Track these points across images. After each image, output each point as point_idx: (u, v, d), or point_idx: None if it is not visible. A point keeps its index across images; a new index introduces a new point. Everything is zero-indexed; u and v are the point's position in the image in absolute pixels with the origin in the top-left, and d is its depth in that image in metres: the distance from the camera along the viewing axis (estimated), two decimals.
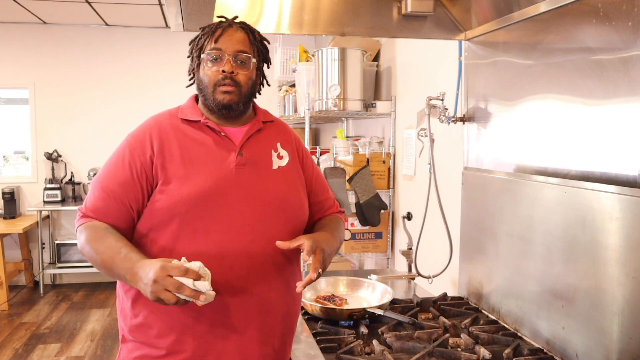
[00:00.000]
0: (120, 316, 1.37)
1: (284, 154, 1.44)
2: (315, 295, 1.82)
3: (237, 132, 1.38)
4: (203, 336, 1.28)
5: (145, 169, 1.29)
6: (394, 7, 1.83)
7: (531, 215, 1.57)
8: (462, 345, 1.52)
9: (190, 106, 1.41)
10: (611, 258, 1.26)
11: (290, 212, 1.38)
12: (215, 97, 1.33)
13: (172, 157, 1.31)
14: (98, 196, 1.31)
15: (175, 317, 1.28)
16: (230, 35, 1.34)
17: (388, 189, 3.16)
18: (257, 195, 1.33)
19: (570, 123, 1.44)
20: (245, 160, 1.35)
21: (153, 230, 1.29)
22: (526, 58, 1.63)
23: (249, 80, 1.36)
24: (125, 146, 1.34)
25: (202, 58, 1.35)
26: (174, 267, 1.12)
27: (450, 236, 2.09)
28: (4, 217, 5.18)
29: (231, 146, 1.35)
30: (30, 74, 5.41)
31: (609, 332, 1.27)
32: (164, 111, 1.42)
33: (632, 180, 1.22)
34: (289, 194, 1.39)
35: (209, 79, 1.33)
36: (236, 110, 1.36)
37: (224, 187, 1.30)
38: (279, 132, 1.48)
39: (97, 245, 1.26)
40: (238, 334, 1.31)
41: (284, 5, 1.78)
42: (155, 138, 1.32)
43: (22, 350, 3.85)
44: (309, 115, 3.16)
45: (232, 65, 1.32)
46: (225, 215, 1.29)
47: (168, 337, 1.28)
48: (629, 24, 1.22)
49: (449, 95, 2.12)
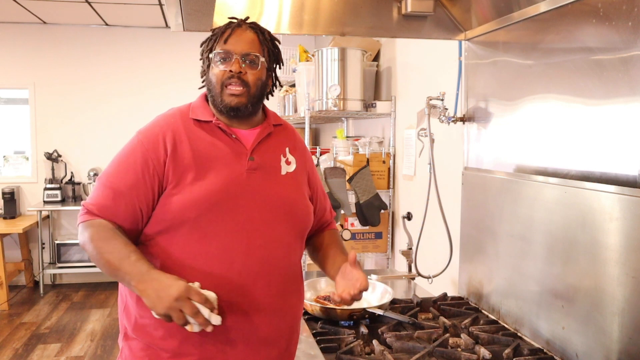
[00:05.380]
0: (124, 314, 1.35)
1: (292, 160, 1.44)
2: (315, 295, 1.82)
3: (248, 135, 1.37)
4: (210, 339, 1.27)
5: (157, 171, 1.28)
6: (394, 7, 1.83)
7: (531, 215, 1.57)
8: (462, 345, 1.52)
9: (201, 105, 1.39)
10: (611, 258, 1.26)
11: (297, 218, 1.39)
12: (223, 98, 1.32)
13: (184, 159, 1.29)
14: (107, 195, 1.28)
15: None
16: (239, 35, 1.33)
17: (388, 189, 3.16)
18: (267, 201, 1.33)
19: (570, 123, 1.44)
20: (257, 165, 1.34)
21: (162, 232, 1.27)
22: (526, 58, 1.63)
23: (258, 80, 1.34)
24: (136, 146, 1.31)
25: (211, 58, 1.34)
26: (197, 293, 1.13)
27: (450, 236, 2.09)
28: (4, 217, 5.18)
29: (242, 149, 1.34)
30: (30, 74, 5.41)
31: (609, 332, 1.27)
32: (174, 110, 1.40)
33: (632, 180, 1.22)
34: (297, 200, 1.40)
35: (217, 78, 1.32)
36: (244, 112, 1.34)
37: (235, 191, 1.29)
38: (288, 137, 1.47)
39: (103, 244, 1.24)
40: (245, 336, 1.30)
41: (284, 5, 1.78)
42: (168, 140, 1.30)
43: (22, 350, 3.85)
44: (309, 115, 3.16)
45: (240, 65, 1.31)
46: (235, 220, 1.28)
47: (174, 339, 1.27)
48: (629, 24, 1.22)
49: (449, 95, 2.12)
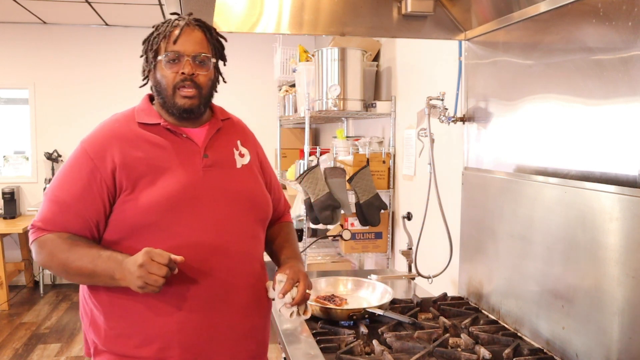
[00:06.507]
0: (90, 329, 1.34)
1: (245, 152, 1.44)
2: (315, 295, 1.82)
3: (198, 133, 1.36)
4: (189, 340, 1.27)
5: (105, 180, 1.25)
6: (394, 7, 1.83)
7: (531, 215, 1.57)
8: (462, 345, 1.52)
9: (146, 108, 1.36)
10: (611, 258, 1.26)
11: (258, 209, 1.41)
12: (176, 101, 1.30)
13: (136, 165, 1.27)
14: (53, 209, 1.27)
15: (157, 325, 1.26)
16: (189, 35, 1.30)
17: (388, 189, 3.16)
18: (228, 196, 1.34)
19: (570, 123, 1.44)
20: (211, 162, 1.34)
21: (128, 237, 1.27)
22: (526, 58, 1.63)
23: (209, 81, 1.34)
24: (81, 156, 1.28)
25: (158, 60, 1.30)
26: (157, 253, 1.15)
27: (450, 236, 2.09)
28: (4, 217, 5.18)
29: (195, 148, 1.34)
30: (30, 74, 5.41)
31: (609, 332, 1.27)
32: (118, 115, 1.37)
33: (632, 180, 1.22)
34: (256, 191, 1.41)
35: (168, 81, 1.29)
36: (197, 113, 1.34)
37: (194, 190, 1.29)
38: (237, 130, 1.48)
39: (68, 255, 1.23)
40: (225, 333, 1.31)
41: (284, 5, 1.78)
42: (116, 147, 1.27)
43: (22, 350, 3.85)
44: (309, 115, 3.16)
45: (191, 66, 1.29)
46: (199, 218, 1.27)
47: (152, 346, 1.26)
48: (629, 24, 1.21)
49: (449, 95, 2.12)
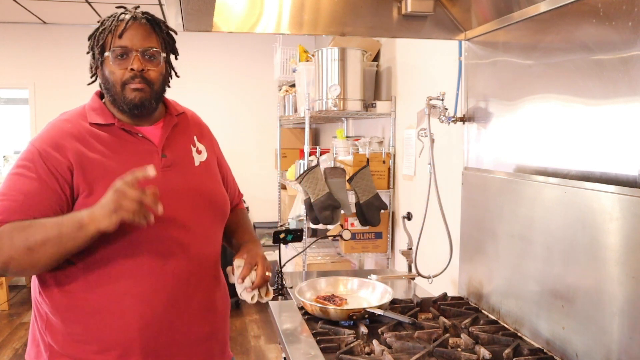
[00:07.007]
0: (47, 332, 1.26)
1: (202, 149, 1.41)
2: (315, 295, 1.82)
3: (153, 131, 1.32)
4: (150, 345, 1.25)
5: (64, 176, 1.19)
6: (394, 7, 1.83)
7: (531, 215, 1.57)
8: (462, 345, 1.52)
9: (98, 107, 1.31)
10: (611, 258, 1.26)
11: (217, 206, 1.39)
12: (126, 95, 1.25)
13: (92, 168, 1.21)
14: (7, 205, 1.17)
15: (116, 330, 1.23)
16: (136, 29, 1.26)
17: (388, 189, 3.16)
18: (187, 196, 1.31)
19: (570, 123, 1.44)
20: (170, 161, 1.31)
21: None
22: (526, 58, 1.63)
23: (160, 76, 1.29)
24: (34, 155, 1.21)
25: (105, 56, 1.26)
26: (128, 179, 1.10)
27: (450, 236, 2.09)
28: None
29: (152, 147, 1.30)
30: (30, 74, 5.41)
31: (609, 332, 1.27)
32: (68, 115, 1.32)
33: (632, 180, 1.22)
34: (215, 190, 1.40)
35: (116, 77, 1.25)
36: (149, 108, 1.29)
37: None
38: (193, 125, 1.45)
39: (27, 234, 1.12)
40: (186, 337, 1.30)
41: (284, 5, 1.77)
42: (69, 149, 1.21)
43: (22, 350, 3.85)
44: (309, 115, 3.16)
45: (140, 62, 1.24)
46: (160, 220, 1.20)
47: (112, 352, 1.22)
48: (629, 24, 1.21)
49: (449, 95, 2.12)
